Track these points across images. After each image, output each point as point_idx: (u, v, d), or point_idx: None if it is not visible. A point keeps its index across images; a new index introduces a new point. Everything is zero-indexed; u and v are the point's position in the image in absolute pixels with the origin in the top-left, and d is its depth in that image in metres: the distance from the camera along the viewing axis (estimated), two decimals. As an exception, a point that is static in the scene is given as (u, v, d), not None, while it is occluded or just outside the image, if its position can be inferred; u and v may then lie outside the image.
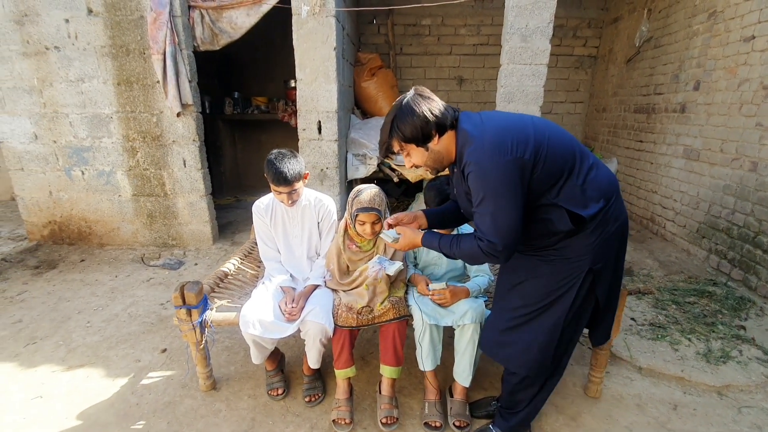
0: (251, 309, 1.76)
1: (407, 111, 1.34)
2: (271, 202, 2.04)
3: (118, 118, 3.50)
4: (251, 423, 1.87)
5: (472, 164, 1.28)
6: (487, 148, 1.25)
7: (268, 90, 5.73)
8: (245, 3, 3.31)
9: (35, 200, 3.79)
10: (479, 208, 1.31)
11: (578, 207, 1.30)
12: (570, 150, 1.32)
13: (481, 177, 1.27)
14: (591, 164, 1.35)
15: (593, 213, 1.30)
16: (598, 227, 1.34)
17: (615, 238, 1.40)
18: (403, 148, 1.40)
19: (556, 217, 1.33)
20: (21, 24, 3.32)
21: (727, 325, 2.58)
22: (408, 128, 1.34)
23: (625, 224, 1.43)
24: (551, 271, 1.42)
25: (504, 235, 1.29)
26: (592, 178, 1.32)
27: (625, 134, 4.83)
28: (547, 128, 1.33)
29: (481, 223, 1.34)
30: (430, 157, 1.40)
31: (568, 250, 1.38)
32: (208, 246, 3.85)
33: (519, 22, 3.12)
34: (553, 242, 1.39)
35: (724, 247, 3.26)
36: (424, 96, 1.36)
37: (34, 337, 2.51)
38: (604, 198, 1.33)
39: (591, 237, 1.35)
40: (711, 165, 3.42)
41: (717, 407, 1.99)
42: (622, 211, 1.41)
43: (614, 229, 1.38)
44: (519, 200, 1.26)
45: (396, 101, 1.39)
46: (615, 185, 1.40)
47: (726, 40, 3.25)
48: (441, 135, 1.37)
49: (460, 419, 1.82)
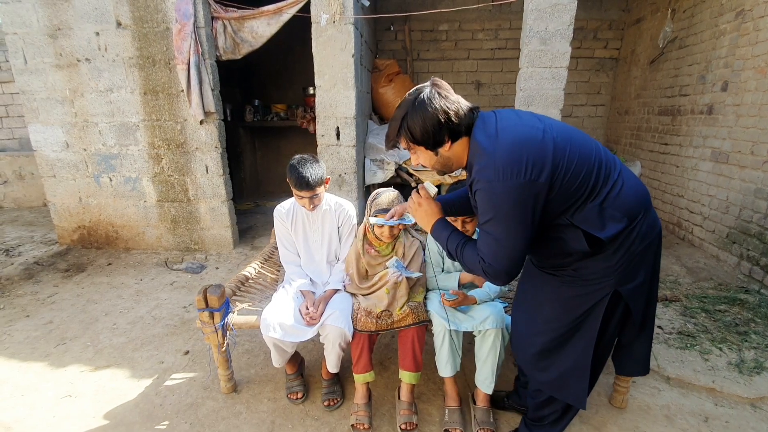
0: (272, 312, 1.78)
1: (420, 109, 1.18)
2: (293, 207, 2.07)
3: (144, 127, 3.62)
4: (271, 426, 1.88)
5: (481, 182, 1.16)
6: (500, 168, 1.12)
7: (287, 97, 5.82)
8: (266, 13, 3.38)
9: (66, 206, 3.93)
10: (485, 227, 1.22)
11: (595, 228, 1.19)
12: (592, 167, 1.19)
13: (490, 198, 1.16)
14: (616, 179, 1.22)
15: (612, 234, 1.19)
16: (620, 248, 1.23)
17: (644, 256, 1.28)
18: (410, 147, 1.28)
19: (571, 237, 1.23)
20: (54, 38, 3.47)
21: (761, 334, 2.47)
22: (418, 129, 1.20)
23: (657, 240, 1.31)
24: (571, 293, 1.32)
25: (506, 262, 1.20)
26: (614, 197, 1.20)
27: (649, 137, 4.71)
28: (569, 141, 1.18)
29: (484, 244, 1.24)
30: (438, 161, 1.28)
31: (587, 271, 1.28)
32: (229, 250, 3.92)
33: (538, 25, 3.10)
34: (569, 262, 1.30)
35: (756, 253, 3.13)
36: (442, 93, 1.19)
37: (63, 337, 2.60)
38: (627, 217, 1.21)
39: (612, 259, 1.24)
40: (741, 168, 3.30)
41: (751, 420, 1.90)
42: (652, 228, 1.28)
43: (642, 248, 1.26)
44: (528, 227, 1.16)
45: (409, 94, 1.23)
46: (643, 201, 1.26)
47: (755, 39, 3.15)
48: (454, 141, 1.23)
49: (486, 427, 1.79)
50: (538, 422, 1.63)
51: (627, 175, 1.27)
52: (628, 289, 1.28)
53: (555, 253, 1.32)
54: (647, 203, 1.28)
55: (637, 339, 1.48)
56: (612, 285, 1.27)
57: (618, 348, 1.54)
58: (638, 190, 1.27)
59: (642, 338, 1.48)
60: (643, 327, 1.44)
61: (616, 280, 1.27)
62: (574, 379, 1.39)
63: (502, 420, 1.91)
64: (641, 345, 1.50)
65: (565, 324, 1.36)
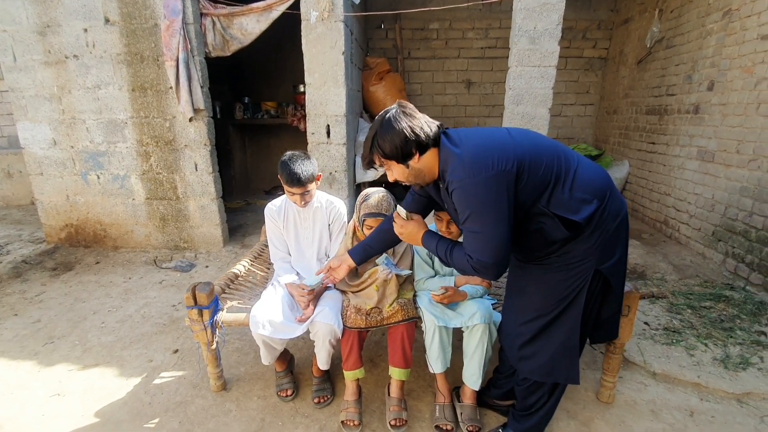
0: (261, 310, 1.77)
1: (387, 128, 1.31)
2: (284, 204, 2.07)
3: (133, 124, 3.58)
4: (261, 423, 1.88)
5: (455, 182, 1.27)
6: (468, 165, 1.23)
7: (278, 95, 5.80)
8: (255, 10, 3.36)
9: (53, 204, 3.88)
10: (465, 225, 1.30)
11: (570, 212, 1.27)
12: (553, 157, 1.30)
13: (465, 195, 1.25)
14: (576, 167, 1.32)
15: (587, 216, 1.27)
16: (597, 228, 1.32)
17: (618, 233, 1.37)
18: (383, 164, 1.39)
19: (549, 226, 1.31)
20: (43, 35, 3.42)
21: (747, 330, 2.51)
22: (387, 145, 1.32)
23: (625, 218, 1.40)
24: (558, 278, 1.39)
25: (492, 253, 1.27)
26: (580, 182, 1.29)
27: (637, 136, 4.77)
28: (527, 139, 1.31)
29: (468, 241, 1.32)
30: (411, 174, 1.39)
31: (570, 255, 1.36)
32: (219, 249, 3.90)
33: (527, 24, 3.12)
34: (554, 250, 1.37)
35: (741, 250, 3.18)
36: (407, 113, 1.33)
37: (51, 336, 2.57)
38: (597, 198, 1.30)
39: (591, 239, 1.32)
40: (727, 166, 3.35)
41: (737, 415, 1.94)
42: (620, 207, 1.38)
43: (615, 226, 1.35)
44: (505, 215, 1.24)
45: (378, 116, 1.37)
46: (607, 182, 1.36)
47: (742, 39, 3.20)
48: (422, 153, 1.34)
49: (473, 424, 1.80)
50: (527, 411, 1.65)
51: (585, 163, 1.37)
52: (607, 266, 1.37)
53: (539, 245, 1.39)
54: (610, 184, 1.37)
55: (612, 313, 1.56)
56: (593, 265, 1.35)
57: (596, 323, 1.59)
58: (599, 173, 1.37)
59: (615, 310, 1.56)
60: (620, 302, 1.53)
61: (596, 260, 1.35)
62: (564, 358, 1.46)
63: (490, 416, 1.93)
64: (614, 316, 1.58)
65: (552, 308, 1.43)
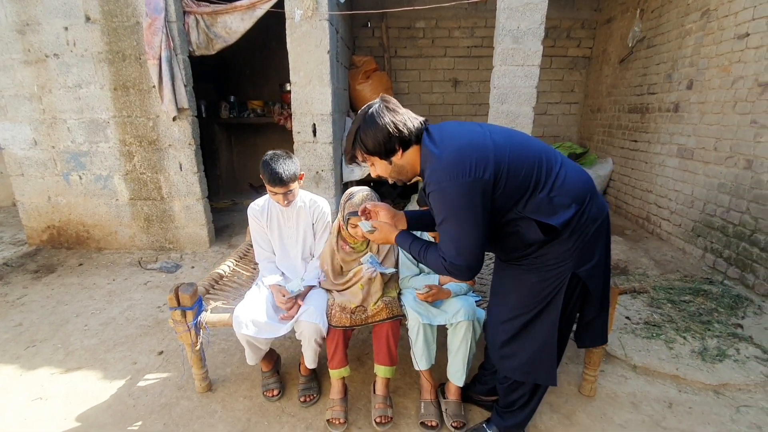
0: (244, 310, 1.77)
1: (370, 123, 1.31)
2: (267, 204, 2.06)
3: (115, 123, 3.53)
4: (246, 424, 1.88)
5: (432, 184, 1.27)
6: (447, 169, 1.23)
7: (264, 94, 5.76)
8: (240, 8, 3.34)
9: (34, 205, 3.81)
10: (441, 228, 1.31)
11: (547, 216, 1.27)
12: (534, 162, 1.29)
13: (442, 198, 1.26)
14: (558, 171, 1.31)
15: (564, 220, 1.27)
16: (575, 232, 1.32)
17: (597, 237, 1.37)
18: (366, 159, 1.39)
19: (525, 228, 1.31)
20: (23, 33, 3.35)
21: (724, 323, 2.58)
22: (370, 141, 1.32)
23: (606, 222, 1.40)
24: (535, 279, 1.40)
25: (465, 257, 1.29)
26: (560, 186, 1.29)
27: (620, 134, 4.85)
28: (508, 142, 1.30)
29: (443, 243, 1.33)
30: (393, 170, 1.40)
31: (548, 257, 1.36)
32: (205, 249, 3.87)
33: (510, 23, 3.15)
34: (531, 251, 1.38)
35: (719, 245, 3.27)
36: (390, 108, 1.33)
37: (33, 340, 2.53)
38: (575, 203, 1.29)
39: (569, 242, 1.33)
40: (705, 164, 3.43)
41: (714, 406, 1.99)
42: (601, 210, 1.37)
43: (594, 230, 1.34)
44: (480, 221, 1.25)
45: (361, 110, 1.36)
46: (588, 187, 1.35)
47: (719, 39, 3.28)
48: (405, 150, 1.34)
49: (457, 420, 1.83)
50: (509, 408, 1.68)
51: (569, 166, 1.37)
52: (585, 270, 1.37)
53: (516, 246, 1.40)
54: (592, 188, 1.37)
55: (597, 317, 1.56)
56: (571, 268, 1.35)
57: (580, 325, 1.62)
58: (581, 177, 1.36)
59: (601, 313, 1.57)
60: (602, 303, 1.52)
61: (573, 263, 1.35)
62: (542, 359, 1.47)
63: (475, 411, 1.95)
64: (600, 320, 1.58)
65: (530, 308, 1.44)
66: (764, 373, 2.14)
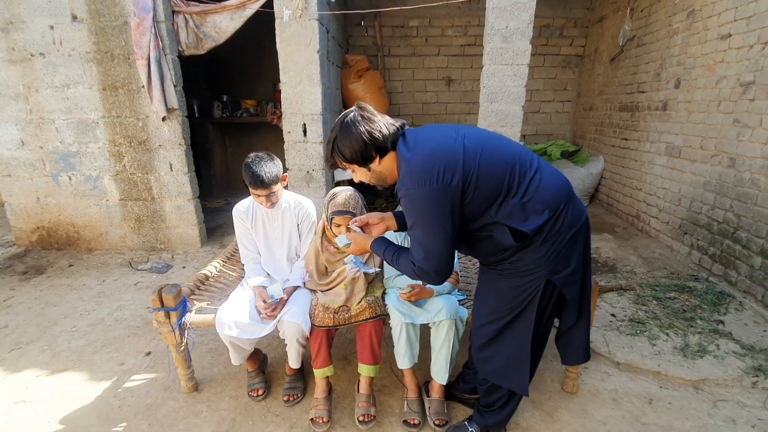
0: (227, 311, 1.78)
1: (346, 132, 1.32)
2: (251, 205, 2.07)
3: (104, 123, 3.52)
4: (231, 423, 1.89)
5: (402, 190, 1.28)
6: (415, 175, 1.24)
7: (258, 93, 5.75)
8: (229, 8, 3.33)
9: (23, 206, 3.80)
10: (411, 232, 1.33)
11: (518, 222, 1.27)
12: (506, 167, 1.27)
13: (410, 204, 1.27)
14: (533, 176, 1.29)
15: (536, 227, 1.26)
16: (549, 239, 1.30)
17: (574, 244, 1.35)
18: (345, 167, 1.41)
19: (498, 233, 1.31)
20: (6, 31, 3.34)
21: (706, 319, 2.61)
22: (347, 150, 1.34)
23: (584, 228, 1.37)
24: (509, 284, 1.40)
25: (433, 262, 1.30)
26: (533, 192, 1.27)
27: (611, 132, 4.88)
28: (481, 147, 1.28)
29: (412, 247, 1.36)
30: (373, 176, 1.42)
31: (521, 263, 1.35)
32: (197, 249, 3.87)
33: (499, 23, 3.16)
34: (506, 257, 1.37)
35: (705, 242, 3.30)
36: (365, 116, 1.33)
37: (19, 342, 2.53)
38: (548, 209, 1.27)
39: (541, 250, 1.31)
40: (692, 162, 3.46)
41: (692, 401, 2.02)
42: (578, 217, 1.34)
43: (570, 237, 1.32)
44: (448, 227, 1.25)
45: (338, 119, 1.38)
46: (563, 193, 1.33)
47: (704, 38, 3.30)
48: (382, 157, 1.35)
49: (440, 418, 1.84)
50: (489, 408, 1.70)
51: (546, 170, 1.35)
52: (560, 277, 1.35)
53: (491, 251, 1.40)
54: (568, 194, 1.35)
55: (576, 326, 1.54)
56: (545, 275, 1.34)
57: (558, 336, 1.61)
58: (557, 183, 1.34)
59: (580, 326, 1.54)
60: (581, 314, 1.51)
61: (547, 270, 1.34)
62: (516, 367, 1.48)
63: (459, 409, 1.97)
64: (580, 333, 1.56)
65: (505, 314, 1.44)
66: (741, 368, 2.18)
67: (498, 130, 3.41)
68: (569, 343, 1.59)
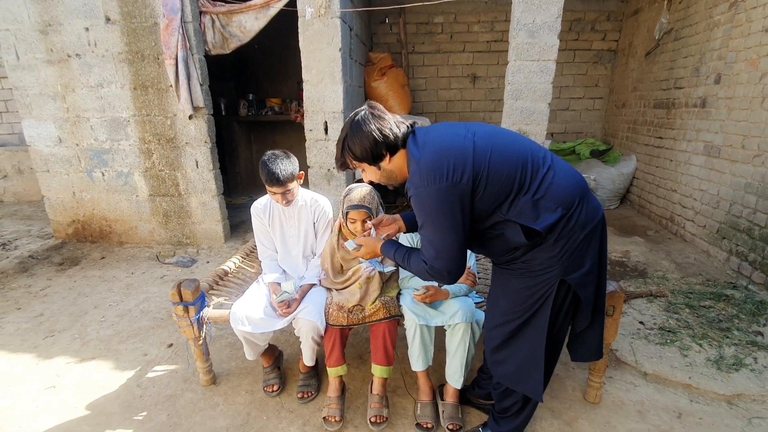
0: (241, 306, 1.81)
1: (356, 130, 1.32)
2: (269, 203, 2.09)
3: (135, 122, 3.64)
4: (246, 417, 1.92)
5: (411, 189, 1.27)
6: (424, 174, 1.23)
7: (282, 91, 5.82)
8: (254, 7, 3.38)
9: (60, 200, 3.99)
10: (421, 231, 1.32)
11: (530, 220, 1.24)
12: (518, 165, 1.25)
13: (419, 203, 1.26)
14: (546, 173, 1.26)
15: (548, 225, 1.23)
16: (562, 238, 1.26)
17: (588, 243, 1.30)
18: (356, 166, 1.40)
19: (509, 232, 1.28)
20: (45, 33, 3.50)
21: (744, 330, 2.45)
22: (358, 148, 1.33)
23: (599, 227, 1.33)
24: (522, 285, 1.37)
25: (444, 261, 1.29)
26: (546, 189, 1.24)
27: (645, 130, 4.66)
28: (492, 144, 1.26)
29: (424, 247, 1.34)
30: (383, 175, 1.41)
31: (534, 262, 1.32)
32: (220, 245, 3.96)
33: (526, 17, 3.06)
34: (518, 256, 1.34)
35: (745, 248, 3.10)
36: (375, 114, 1.33)
37: (52, 330, 2.65)
38: (562, 207, 1.24)
39: (554, 249, 1.27)
40: (732, 162, 3.26)
41: (725, 417, 1.90)
42: (593, 215, 1.30)
43: (584, 236, 1.28)
44: (459, 225, 1.24)
45: (348, 118, 1.37)
46: (578, 190, 1.29)
47: (748, 31, 3.09)
48: (392, 155, 1.35)
49: (453, 422, 1.81)
50: (504, 414, 1.65)
51: (559, 167, 1.31)
52: (574, 277, 1.30)
53: (503, 250, 1.36)
54: (583, 192, 1.30)
55: (589, 327, 1.48)
56: (558, 275, 1.30)
57: (572, 337, 1.55)
58: (571, 180, 1.30)
59: (594, 326, 1.49)
60: (595, 315, 1.45)
61: (561, 270, 1.29)
62: (530, 371, 1.43)
63: (473, 414, 1.93)
64: (594, 332, 1.50)
65: (518, 315, 1.40)
66: (782, 385, 2.03)
67: (523, 128, 3.32)
68: (583, 342, 1.53)
